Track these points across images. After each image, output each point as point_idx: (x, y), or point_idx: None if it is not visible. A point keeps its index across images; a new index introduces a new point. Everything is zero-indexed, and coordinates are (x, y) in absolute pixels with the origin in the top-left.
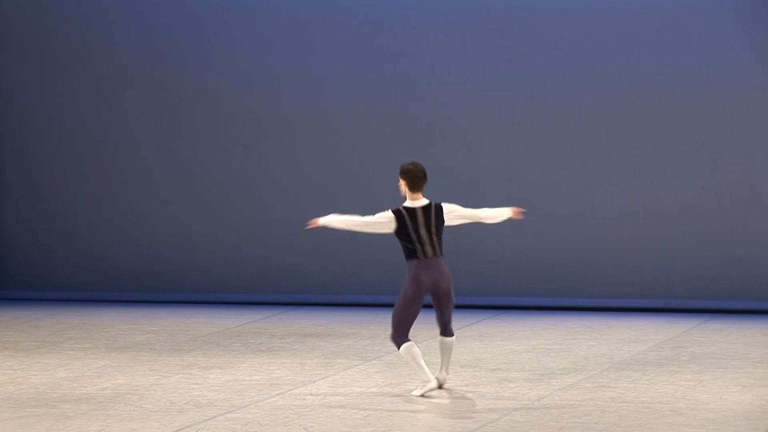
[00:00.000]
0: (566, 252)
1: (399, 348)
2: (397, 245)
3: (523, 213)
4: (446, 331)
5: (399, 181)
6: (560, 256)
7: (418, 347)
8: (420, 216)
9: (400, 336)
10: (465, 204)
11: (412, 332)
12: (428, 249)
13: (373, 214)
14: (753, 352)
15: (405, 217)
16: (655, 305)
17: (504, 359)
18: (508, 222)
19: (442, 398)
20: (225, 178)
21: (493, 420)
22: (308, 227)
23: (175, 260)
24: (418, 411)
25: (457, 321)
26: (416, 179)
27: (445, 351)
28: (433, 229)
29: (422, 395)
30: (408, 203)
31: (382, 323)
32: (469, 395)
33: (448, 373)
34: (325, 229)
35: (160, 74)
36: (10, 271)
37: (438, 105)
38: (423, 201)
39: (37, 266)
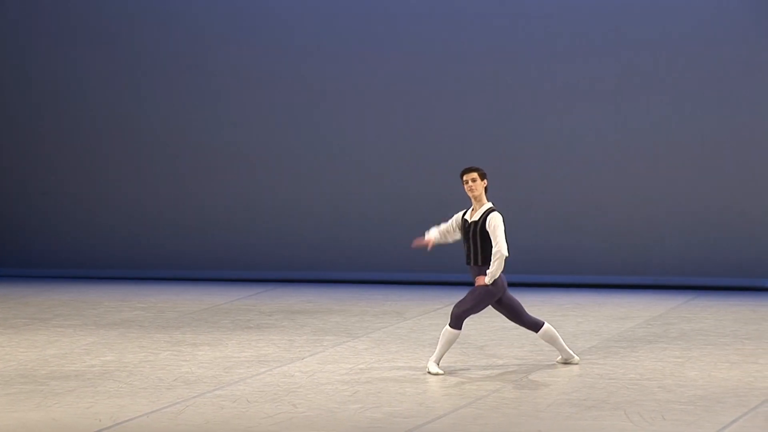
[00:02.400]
0: (555, 229)
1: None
2: (379, 223)
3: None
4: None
5: (483, 180)
6: (549, 233)
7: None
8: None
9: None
10: (448, 184)
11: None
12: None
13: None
14: (741, 329)
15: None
16: (643, 282)
17: (492, 336)
18: (497, 198)
19: (430, 375)
20: (214, 157)
21: (482, 397)
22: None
23: (164, 238)
24: (407, 388)
25: (446, 298)
26: None
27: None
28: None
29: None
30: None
31: (370, 300)
32: (458, 372)
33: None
34: (315, 205)
35: (160, 53)
36: None
37: (438, 92)
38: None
39: (27, 244)
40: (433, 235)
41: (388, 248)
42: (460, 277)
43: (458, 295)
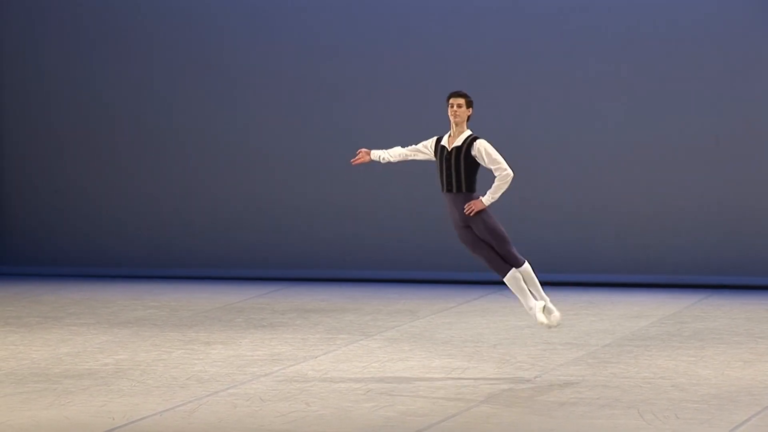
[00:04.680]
0: (568, 227)
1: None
2: (393, 221)
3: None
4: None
5: (468, 108)
6: (562, 231)
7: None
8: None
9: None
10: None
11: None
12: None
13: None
14: (755, 328)
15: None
16: (657, 281)
17: (506, 335)
18: (510, 196)
19: (443, 373)
20: (228, 155)
21: (495, 395)
22: (354, 162)
23: (177, 236)
24: (420, 386)
25: (459, 296)
26: None
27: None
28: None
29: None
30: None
31: (384, 298)
32: (471, 370)
33: (542, 300)
34: (329, 204)
35: (175, 51)
36: (12, 246)
37: (448, 90)
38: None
39: (40, 241)
40: (379, 153)
41: (402, 246)
42: (475, 276)
43: (471, 294)
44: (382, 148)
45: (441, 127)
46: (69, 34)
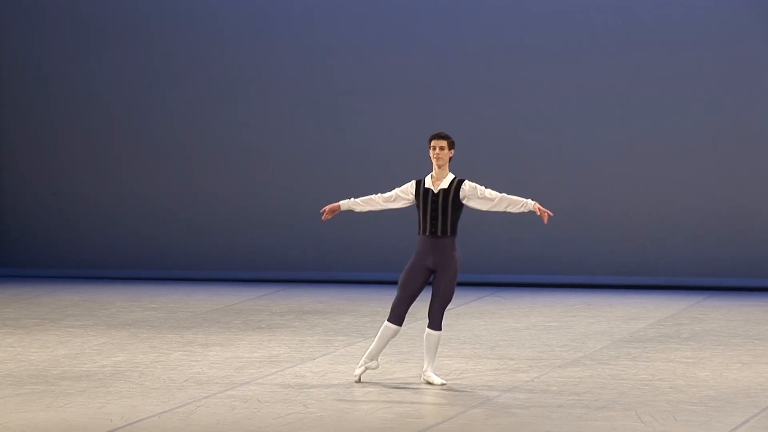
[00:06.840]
0: (566, 229)
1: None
2: (391, 223)
3: (546, 213)
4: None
5: (450, 150)
6: (560, 233)
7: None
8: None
9: (390, 313)
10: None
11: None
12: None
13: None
14: (753, 330)
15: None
16: (655, 282)
17: (504, 336)
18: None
19: (441, 375)
20: (226, 157)
21: (493, 397)
22: (324, 217)
23: (175, 238)
24: (419, 388)
25: (458, 298)
26: None
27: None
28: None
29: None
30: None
31: (381, 300)
32: (469, 372)
33: (431, 370)
34: (335, 198)
35: (174, 52)
36: (10, 249)
37: (448, 91)
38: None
39: (38, 244)
40: (349, 202)
41: (400, 248)
42: (471, 278)
43: (470, 296)
44: (380, 150)
45: (440, 127)
46: (69, 34)
